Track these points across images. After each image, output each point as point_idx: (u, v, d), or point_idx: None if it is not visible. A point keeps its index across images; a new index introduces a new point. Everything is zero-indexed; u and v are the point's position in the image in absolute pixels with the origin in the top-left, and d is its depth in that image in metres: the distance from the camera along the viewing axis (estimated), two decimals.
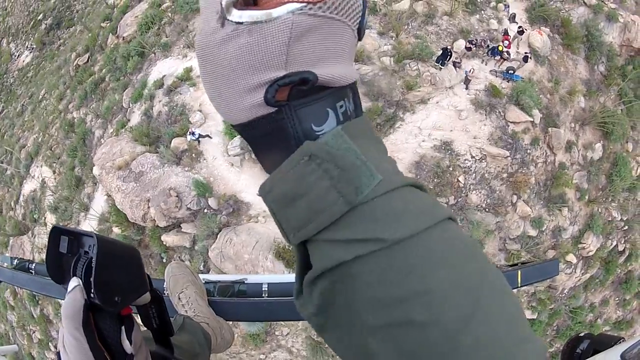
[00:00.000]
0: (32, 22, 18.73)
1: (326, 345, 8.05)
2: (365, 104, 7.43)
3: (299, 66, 0.31)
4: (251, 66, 0.30)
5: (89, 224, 9.48)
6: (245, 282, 1.32)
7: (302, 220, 0.32)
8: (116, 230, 8.55)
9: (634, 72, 9.78)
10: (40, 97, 14.37)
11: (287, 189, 0.32)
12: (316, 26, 0.30)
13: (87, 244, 0.55)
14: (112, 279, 0.53)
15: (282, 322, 8.04)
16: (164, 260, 8.19)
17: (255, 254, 6.69)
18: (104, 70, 11.58)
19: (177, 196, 7.31)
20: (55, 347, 11.32)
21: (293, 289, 0.39)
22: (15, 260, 1.71)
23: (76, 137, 10.94)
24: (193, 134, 7.54)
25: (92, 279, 0.51)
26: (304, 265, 0.36)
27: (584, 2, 9.56)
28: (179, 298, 1.22)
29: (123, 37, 11.28)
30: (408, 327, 0.30)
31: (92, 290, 0.51)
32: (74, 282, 0.52)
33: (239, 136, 7.43)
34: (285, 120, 0.32)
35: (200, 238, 7.14)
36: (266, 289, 1.28)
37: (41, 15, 18.68)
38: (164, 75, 9.32)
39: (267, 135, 0.33)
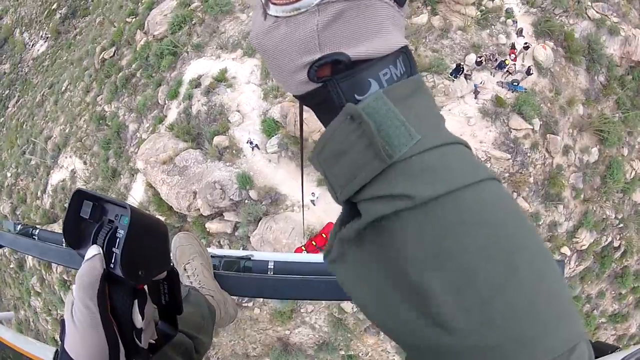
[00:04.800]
0: (46, 12, 20.51)
1: (346, 322, 10.10)
2: None
3: (332, 48, 0.38)
4: (291, 51, 0.40)
5: None
6: (252, 258, 1.42)
7: (346, 177, 0.39)
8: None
9: (632, 83, 11.73)
10: (63, 88, 16.21)
11: (333, 148, 0.40)
12: (344, 9, 0.37)
13: (113, 213, 0.58)
14: (139, 252, 0.57)
15: (307, 301, 9.95)
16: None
17: (292, 239, 8.68)
18: (133, 65, 13.39)
19: (221, 188, 9.27)
20: None
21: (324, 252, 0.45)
22: (19, 226, 1.81)
23: (110, 130, 12.82)
24: (251, 142, 9.49)
25: (119, 250, 0.54)
26: (345, 222, 0.42)
27: (587, 16, 11.45)
28: (185, 269, 1.31)
29: (153, 35, 13.10)
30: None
31: (112, 261, 0.55)
32: (94, 250, 0.55)
33: (276, 136, 9.42)
34: (331, 92, 0.40)
35: (242, 225, 9.12)
36: (272, 266, 1.37)
37: (55, 4, 20.49)
38: (200, 76, 11.17)
39: (320, 105, 0.43)
